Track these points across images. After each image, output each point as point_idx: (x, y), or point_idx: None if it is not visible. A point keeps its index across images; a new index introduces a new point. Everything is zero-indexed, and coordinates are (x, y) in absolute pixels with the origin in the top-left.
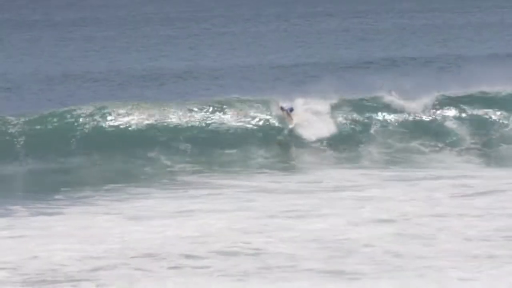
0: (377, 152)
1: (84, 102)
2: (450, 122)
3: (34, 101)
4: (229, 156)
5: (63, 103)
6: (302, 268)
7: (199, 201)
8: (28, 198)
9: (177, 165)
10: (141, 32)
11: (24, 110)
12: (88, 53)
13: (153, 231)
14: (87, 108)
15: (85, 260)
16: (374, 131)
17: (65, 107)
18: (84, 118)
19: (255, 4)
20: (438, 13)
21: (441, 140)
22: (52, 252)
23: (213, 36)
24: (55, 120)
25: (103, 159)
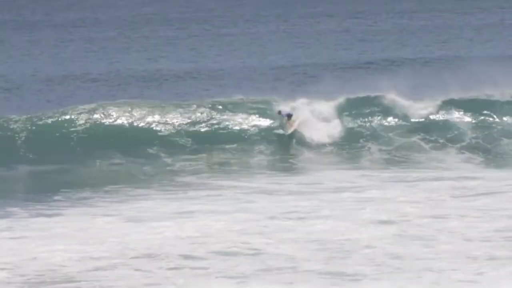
0: (377, 153)
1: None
2: (451, 123)
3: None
4: (229, 157)
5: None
6: (302, 270)
7: (198, 202)
8: (28, 200)
9: (176, 166)
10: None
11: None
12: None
13: (153, 232)
14: (86, 109)
15: (84, 260)
16: (374, 132)
17: (64, 107)
18: (84, 119)
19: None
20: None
21: (441, 141)
22: (52, 253)
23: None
24: (54, 121)
25: (102, 160)
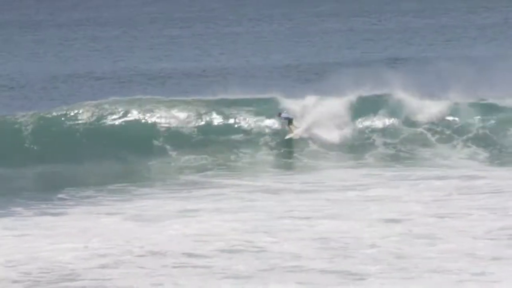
0: (382, 153)
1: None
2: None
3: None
4: (233, 156)
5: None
6: (306, 268)
7: (203, 201)
8: (32, 198)
9: (180, 165)
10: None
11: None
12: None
13: (157, 230)
14: (90, 107)
15: (89, 259)
16: (379, 131)
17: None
18: (87, 117)
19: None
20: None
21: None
22: (57, 251)
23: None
24: (58, 119)
25: (106, 159)
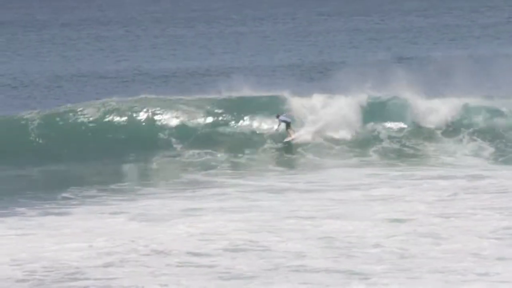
0: (387, 151)
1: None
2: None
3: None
4: (237, 155)
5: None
6: (310, 268)
7: (207, 200)
8: (36, 198)
9: (184, 164)
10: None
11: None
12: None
13: (162, 229)
14: (95, 107)
15: (93, 258)
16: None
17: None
18: (91, 117)
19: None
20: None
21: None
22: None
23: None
24: (62, 119)
25: (110, 159)
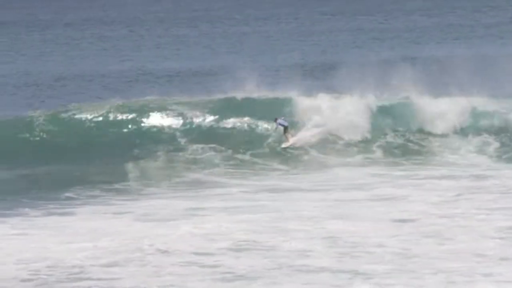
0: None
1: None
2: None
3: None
4: (240, 155)
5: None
6: (314, 268)
7: (211, 200)
8: (40, 198)
9: (187, 164)
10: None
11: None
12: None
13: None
14: (98, 107)
15: (97, 258)
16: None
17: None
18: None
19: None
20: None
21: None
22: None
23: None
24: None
25: (113, 158)
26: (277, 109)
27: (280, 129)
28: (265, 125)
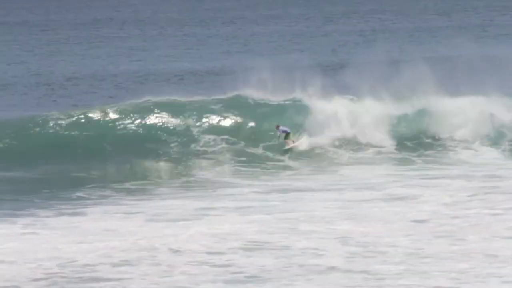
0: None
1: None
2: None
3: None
4: (250, 155)
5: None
6: (324, 268)
7: (222, 200)
8: (50, 198)
9: (198, 165)
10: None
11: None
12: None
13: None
14: (109, 107)
15: (108, 258)
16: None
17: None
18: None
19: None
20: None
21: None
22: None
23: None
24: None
25: (125, 158)
26: (287, 111)
27: (282, 136)
28: (278, 123)
